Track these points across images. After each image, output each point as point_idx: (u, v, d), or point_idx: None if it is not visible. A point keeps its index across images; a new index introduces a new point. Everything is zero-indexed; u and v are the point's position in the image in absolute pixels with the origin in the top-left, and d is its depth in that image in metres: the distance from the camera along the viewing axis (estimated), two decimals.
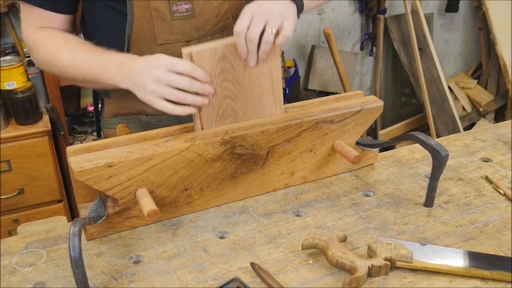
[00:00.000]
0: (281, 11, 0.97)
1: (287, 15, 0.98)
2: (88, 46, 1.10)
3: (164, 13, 1.10)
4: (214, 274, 0.91)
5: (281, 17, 0.97)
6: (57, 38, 1.12)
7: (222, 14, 1.16)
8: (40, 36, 1.13)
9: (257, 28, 0.96)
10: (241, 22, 0.97)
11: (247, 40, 0.97)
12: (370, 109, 1.17)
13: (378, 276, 0.90)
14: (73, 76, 1.12)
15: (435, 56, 3.15)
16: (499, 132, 1.42)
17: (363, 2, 3.12)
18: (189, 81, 0.97)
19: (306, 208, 1.10)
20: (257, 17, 0.96)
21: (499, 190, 1.15)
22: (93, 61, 1.06)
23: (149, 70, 0.97)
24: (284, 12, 0.98)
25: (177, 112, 0.99)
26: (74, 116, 2.52)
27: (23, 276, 0.92)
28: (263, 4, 0.98)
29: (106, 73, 1.05)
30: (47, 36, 1.13)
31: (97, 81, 1.08)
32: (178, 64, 0.97)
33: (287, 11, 0.99)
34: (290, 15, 0.99)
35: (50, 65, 1.13)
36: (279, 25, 0.97)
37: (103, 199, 0.99)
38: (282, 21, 0.97)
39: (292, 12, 1.00)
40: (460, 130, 3.17)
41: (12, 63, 2.02)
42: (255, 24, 0.96)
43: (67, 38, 1.13)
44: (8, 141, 2.01)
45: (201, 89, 0.99)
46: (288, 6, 1.01)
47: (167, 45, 1.14)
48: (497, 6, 3.19)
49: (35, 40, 1.13)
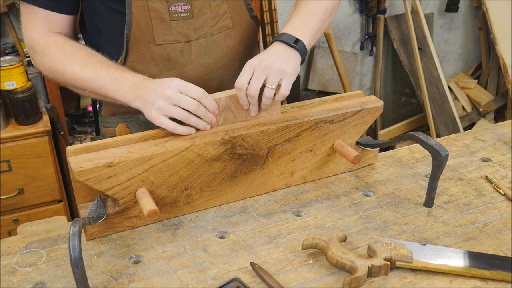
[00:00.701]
0: (281, 67, 1.01)
1: (286, 71, 1.01)
2: (99, 59, 1.09)
3: (162, 14, 1.11)
4: (214, 274, 0.91)
5: (280, 73, 1.01)
6: (66, 47, 1.11)
7: (221, 14, 1.17)
8: (47, 42, 1.11)
9: (257, 84, 1.01)
10: (242, 77, 1.01)
11: (248, 95, 1.02)
12: (370, 109, 1.17)
13: (378, 276, 0.90)
14: (80, 87, 1.11)
15: (435, 56, 3.15)
16: (499, 132, 1.42)
17: (363, 2, 3.12)
18: (197, 104, 0.99)
19: (306, 208, 1.10)
20: (258, 73, 1.00)
21: (499, 190, 1.15)
22: (106, 77, 1.06)
23: (161, 88, 0.99)
24: (284, 67, 1.01)
25: (177, 131, 1.00)
26: (74, 116, 2.52)
27: (23, 276, 0.92)
28: (264, 60, 1.01)
29: (118, 90, 1.05)
30: (54, 43, 1.11)
31: (107, 96, 1.07)
32: (192, 88, 1.00)
33: (287, 66, 1.02)
34: (290, 70, 1.02)
35: (55, 73, 1.11)
36: (278, 81, 1.01)
37: (103, 199, 0.99)
38: (281, 77, 1.01)
39: (292, 66, 1.03)
40: (460, 130, 3.17)
41: (12, 63, 2.02)
42: (255, 80, 1.00)
43: (76, 48, 1.11)
44: (8, 141, 2.01)
45: (205, 116, 1.01)
46: (290, 59, 1.03)
47: (166, 45, 1.14)
48: (497, 6, 3.19)
49: (41, 45, 1.11)
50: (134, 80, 1.04)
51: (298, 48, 1.05)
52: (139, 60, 1.15)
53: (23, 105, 2.05)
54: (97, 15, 1.15)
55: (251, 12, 1.22)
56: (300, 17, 1.12)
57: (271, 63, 1.01)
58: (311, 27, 1.11)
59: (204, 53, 1.18)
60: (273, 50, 1.04)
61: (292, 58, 1.04)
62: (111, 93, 1.06)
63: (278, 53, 1.03)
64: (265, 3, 2.63)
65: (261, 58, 1.02)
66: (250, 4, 1.21)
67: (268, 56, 1.02)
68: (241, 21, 1.21)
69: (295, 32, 1.07)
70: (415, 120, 3.43)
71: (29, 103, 2.06)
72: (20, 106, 2.05)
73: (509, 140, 1.37)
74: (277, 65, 1.01)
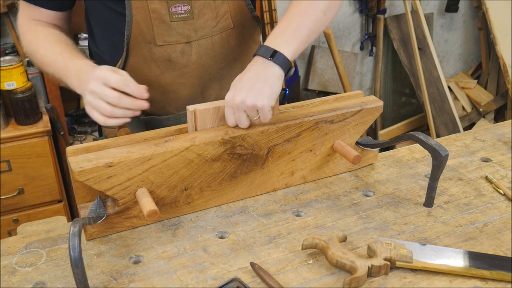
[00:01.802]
0: (252, 103, 0.97)
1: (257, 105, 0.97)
2: (62, 46, 1.13)
3: (162, 15, 1.10)
4: (214, 274, 0.91)
5: (254, 108, 0.98)
6: (39, 33, 1.17)
7: (222, 15, 1.16)
8: (28, 28, 1.19)
9: (242, 121, 1.01)
10: (229, 118, 1.02)
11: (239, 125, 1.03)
12: (370, 109, 1.17)
13: (378, 276, 0.90)
14: (46, 71, 1.18)
15: (435, 56, 3.15)
16: (499, 132, 1.42)
17: (363, 2, 3.12)
18: (118, 97, 0.97)
19: (306, 208, 1.10)
20: (237, 112, 1.00)
21: (499, 190, 1.15)
22: (60, 63, 1.10)
23: (88, 82, 0.99)
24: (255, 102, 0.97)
25: (109, 123, 0.99)
26: (74, 116, 2.52)
27: (23, 276, 0.92)
28: (236, 96, 0.98)
29: (66, 77, 1.09)
30: (32, 28, 1.19)
31: (62, 81, 1.11)
32: (111, 78, 0.97)
33: (260, 96, 0.97)
34: (263, 102, 0.97)
35: (31, 55, 1.19)
36: (257, 114, 1.00)
37: (103, 199, 0.99)
38: (256, 110, 0.99)
39: (268, 92, 0.98)
40: (460, 130, 3.17)
41: (12, 63, 2.02)
42: (239, 118, 1.01)
43: (48, 34, 1.17)
44: (8, 141, 2.01)
45: (132, 105, 0.98)
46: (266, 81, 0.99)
47: (166, 46, 1.14)
48: (497, 6, 3.19)
49: (23, 30, 1.20)
50: (78, 67, 1.06)
51: (276, 62, 0.99)
52: (140, 61, 1.15)
53: (23, 105, 2.05)
54: (99, 16, 1.17)
55: (252, 12, 1.22)
56: (288, 21, 1.06)
57: (243, 100, 0.97)
58: (299, 30, 1.04)
59: (205, 54, 1.17)
60: (250, 74, 1.00)
61: (269, 77, 0.99)
62: (64, 78, 1.09)
63: (253, 78, 0.99)
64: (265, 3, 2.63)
65: (234, 92, 0.99)
66: (251, 4, 1.21)
67: (242, 87, 0.99)
68: (242, 21, 1.21)
69: (279, 40, 1.02)
70: (415, 120, 3.43)
71: (29, 103, 2.06)
72: (20, 106, 2.05)
73: (509, 140, 1.37)
74: (249, 101, 0.97)
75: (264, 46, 1.01)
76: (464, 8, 3.49)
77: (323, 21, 1.08)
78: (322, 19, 1.08)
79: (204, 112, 1.03)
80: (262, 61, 1.00)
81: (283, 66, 1.00)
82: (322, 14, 1.07)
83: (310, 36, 1.06)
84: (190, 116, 1.03)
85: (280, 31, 1.04)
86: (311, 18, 1.06)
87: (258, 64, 1.01)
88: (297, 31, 1.04)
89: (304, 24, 1.05)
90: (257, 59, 1.02)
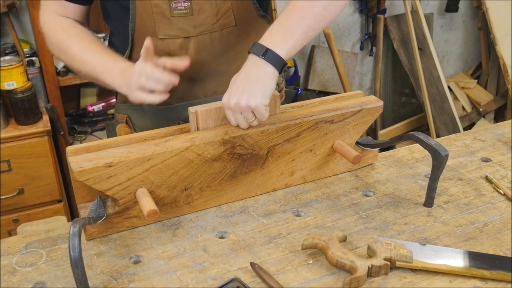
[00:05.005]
0: (246, 104, 0.98)
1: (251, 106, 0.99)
2: (96, 45, 1.18)
3: (164, 10, 1.14)
4: (214, 274, 0.91)
5: (249, 109, 0.99)
6: (70, 30, 1.20)
7: (222, 13, 1.17)
8: (55, 23, 1.21)
9: (241, 122, 1.03)
10: (228, 117, 1.04)
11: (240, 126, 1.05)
12: (370, 109, 1.17)
13: (378, 276, 0.90)
14: (77, 69, 1.20)
15: (435, 56, 3.15)
16: (499, 132, 1.42)
17: (363, 2, 3.12)
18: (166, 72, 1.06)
19: (306, 208, 1.10)
20: (234, 114, 1.02)
21: (499, 190, 1.15)
22: (98, 61, 1.14)
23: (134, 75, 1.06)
24: (248, 103, 0.98)
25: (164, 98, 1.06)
26: (74, 116, 2.52)
27: (23, 276, 0.92)
28: (231, 98, 1.00)
29: (107, 75, 1.12)
30: (61, 25, 1.21)
31: (99, 79, 1.15)
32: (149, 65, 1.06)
33: (253, 96, 0.98)
34: (256, 102, 0.98)
35: (60, 52, 1.21)
36: (252, 116, 1.01)
37: (103, 199, 0.99)
38: (251, 111, 1.00)
39: (260, 91, 0.99)
40: (460, 130, 3.17)
41: (12, 63, 2.02)
42: (236, 119, 1.03)
43: (80, 31, 1.21)
44: (8, 141, 2.01)
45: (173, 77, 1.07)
46: (258, 80, 0.99)
47: (167, 40, 1.17)
48: (497, 6, 3.19)
49: (50, 26, 1.22)
50: (121, 67, 1.11)
51: (268, 60, 0.99)
52: None
53: (23, 105, 2.05)
54: (109, 9, 1.22)
55: (258, 11, 1.22)
56: (284, 18, 1.05)
57: (237, 102, 0.99)
58: (296, 27, 1.02)
59: (203, 49, 1.19)
60: (243, 74, 1.01)
61: (261, 76, 0.99)
62: (102, 76, 1.13)
63: (246, 79, 1.00)
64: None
65: (230, 94, 1.00)
66: (257, 3, 1.21)
67: (236, 88, 1.00)
68: (247, 19, 1.21)
69: (273, 37, 1.01)
70: (415, 120, 3.43)
71: (29, 103, 2.06)
72: (20, 106, 2.05)
73: (509, 140, 1.37)
74: (243, 103, 0.98)
75: (257, 44, 1.01)
76: (464, 8, 3.49)
77: (323, 16, 1.05)
78: (323, 14, 1.05)
79: (206, 113, 1.04)
80: (254, 59, 1.01)
81: (276, 64, 1.00)
82: (323, 9, 1.04)
83: (309, 33, 1.04)
84: (191, 117, 1.04)
85: (275, 28, 1.03)
86: (309, 15, 1.04)
87: (250, 63, 1.01)
88: (293, 28, 1.02)
89: (302, 20, 1.03)
90: (250, 57, 1.02)
